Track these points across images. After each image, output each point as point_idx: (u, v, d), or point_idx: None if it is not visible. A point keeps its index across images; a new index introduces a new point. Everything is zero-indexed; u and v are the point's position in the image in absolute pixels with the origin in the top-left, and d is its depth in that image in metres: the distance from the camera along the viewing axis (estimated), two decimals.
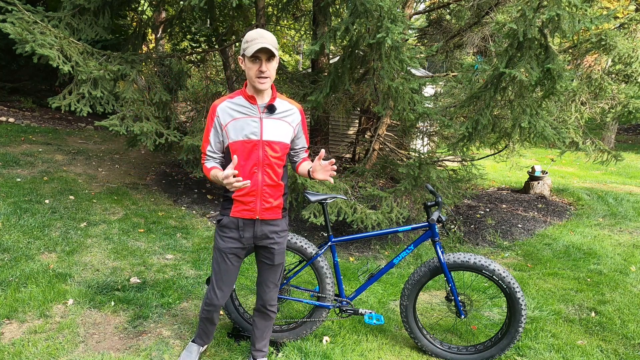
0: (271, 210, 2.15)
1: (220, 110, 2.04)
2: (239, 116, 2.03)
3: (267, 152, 2.07)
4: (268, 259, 2.24)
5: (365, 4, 3.47)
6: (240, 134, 2.03)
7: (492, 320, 3.22)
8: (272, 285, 2.30)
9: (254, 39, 1.92)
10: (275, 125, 2.08)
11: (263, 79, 1.96)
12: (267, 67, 1.95)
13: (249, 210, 2.11)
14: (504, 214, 5.94)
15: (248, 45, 1.92)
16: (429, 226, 2.57)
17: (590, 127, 6.16)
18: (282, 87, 5.65)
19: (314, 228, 5.11)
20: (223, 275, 2.21)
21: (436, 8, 7.14)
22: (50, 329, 2.65)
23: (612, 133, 12.88)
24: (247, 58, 1.94)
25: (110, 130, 4.51)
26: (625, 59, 4.94)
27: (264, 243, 2.19)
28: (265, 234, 2.16)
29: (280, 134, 2.10)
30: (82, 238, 3.96)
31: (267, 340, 2.44)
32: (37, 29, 4.11)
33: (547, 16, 3.19)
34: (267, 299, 2.31)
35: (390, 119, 5.50)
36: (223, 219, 2.16)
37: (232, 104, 2.05)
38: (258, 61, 1.94)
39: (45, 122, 8.58)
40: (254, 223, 2.14)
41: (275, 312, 2.38)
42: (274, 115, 2.08)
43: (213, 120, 2.05)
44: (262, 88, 1.99)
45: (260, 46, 1.88)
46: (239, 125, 2.03)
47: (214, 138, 2.08)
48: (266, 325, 2.39)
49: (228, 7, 5.61)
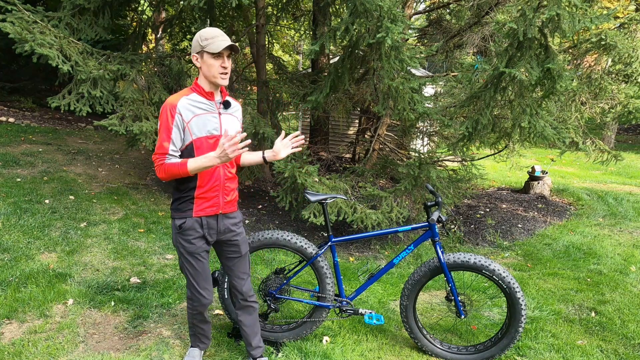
0: (231, 203, 2.20)
1: (181, 107, 2.00)
2: (200, 112, 2.04)
3: None
4: (234, 252, 2.26)
5: (365, 4, 3.47)
6: (203, 130, 2.04)
7: (492, 320, 3.22)
8: (244, 275, 2.31)
9: (216, 36, 1.96)
10: (230, 120, 2.15)
11: (225, 75, 2.02)
12: (228, 63, 2.01)
13: (212, 206, 2.12)
14: (504, 214, 5.93)
15: (210, 42, 1.95)
16: (429, 226, 2.57)
17: (590, 127, 6.16)
18: (282, 87, 5.65)
19: (314, 228, 5.11)
20: (202, 275, 2.21)
21: (436, 8, 7.14)
22: (50, 329, 2.65)
23: (612, 133, 12.88)
24: (209, 55, 1.97)
25: (110, 130, 4.51)
26: (625, 59, 4.94)
27: (226, 237, 2.21)
28: (227, 227, 2.19)
29: (234, 128, 2.16)
30: (82, 238, 3.96)
31: (260, 335, 2.43)
32: (36, 29, 4.11)
33: (547, 16, 3.19)
34: (244, 290, 2.31)
35: (390, 119, 5.50)
36: (186, 222, 2.10)
37: (190, 100, 2.04)
38: (221, 58, 1.98)
39: (45, 122, 8.58)
40: (217, 218, 2.15)
41: (257, 302, 2.38)
42: (228, 110, 2.15)
43: (174, 118, 1.99)
44: (223, 83, 2.04)
45: (228, 44, 1.94)
46: (201, 121, 2.04)
47: (176, 136, 2.02)
48: (253, 319, 2.38)
49: (228, 7, 5.61)
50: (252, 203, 5.76)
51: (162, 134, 2.01)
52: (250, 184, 6.52)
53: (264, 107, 5.67)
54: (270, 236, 2.58)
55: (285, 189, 4.40)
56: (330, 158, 6.41)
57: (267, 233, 2.60)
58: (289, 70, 8.50)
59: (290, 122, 12.45)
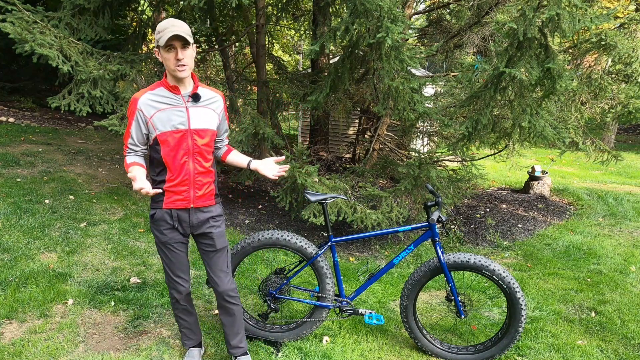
0: (204, 197, 2.16)
1: (141, 103, 2.01)
2: (164, 107, 2.02)
3: (195, 141, 2.07)
4: (209, 245, 2.23)
5: (365, 3, 3.47)
6: (167, 124, 2.02)
7: (492, 320, 3.22)
8: (222, 273, 2.26)
9: (165, 28, 1.89)
10: (201, 113, 2.09)
11: (181, 67, 1.95)
12: (183, 54, 1.93)
13: (183, 199, 2.11)
14: (504, 214, 5.93)
15: (160, 36, 1.90)
16: (429, 226, 2.57)
17: (590, 127, 6.16)
18: (282, 87, 5.65)
19: (314, 228, 5.11)
20: (176, 264, 2.21)
21: (436, 8, 7.14)
22: (50, 329, 2.65)
23: (612, 133, 12.88)
24: (162, 48, 1.92)
25: (110, 130, 4.51)
26: (625, 59, 4.94)
27: (201, 230, 2.19)
28: (200, 221, 2.17)
29: (207, 122, 2.11)
30: (82, 238, 3.96)
31: (242, 335, 2.39)
32: (36, 29, 4.10)
33: (547, 16, 3.19)
34: (222, 290, 2.26)
35: (390, 119, 5.50)
36: (156, 213, 2.14)
37: (154, 95, 2.02)
38: (173, 50, 1.92)
39: (45, 122, 8.57)
40: (189, 212, 2.14)
41: (237, 302, 2.32)
42: (199, 103, 2.09)
43: (134, 115, 2.02)
44: (182, 76, 1.97)
45: (171, 34, 1.87)
46: (165, 116, 2.02)
47: (136, 132, 2.05)
48: (232, 320, 2.33)
49: (228, 7, 5.61)
50: (252, 203, 5.75)
51: (127, 129, 2.09)
52: (250, 184, 6.52)
53: (264, 107, 5.68)
54: (270, 236, 2.58)
55: (285, 189, 4.40)
56: (330, 158, 6.41)
57: (267, 233, 2.60)
58: (289, 70, 8.51)
59: (290, 122, 12.45)
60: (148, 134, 2.06)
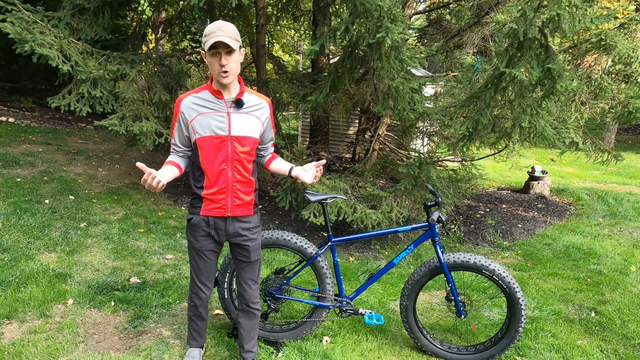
0: (242, 207, 2.12)
1: (184, 106, 2.00)
2: (205, 111, 1.99)
3: (235, 148, 2.03)
4: (244, 256, 2.21)
5: (365, 4, 3.47)
6: (207, 129, 1.99)
7: (492, 320, 3.22)
8: (251, 282, 2.27)
9: (211, 32, 1.84)
10: (244, 120, 2.04)
11: (225, 73, 1.91)
12: (227, 60, 1.88)
13: (220, 208, 2.08)
14: (504, 214, 5.93)
15: (206, 40, 1.86)
16: (429, 226, 2.57)
17: (590, 127, 6.16)
18: (282, 87, 5.65)
19: (314, 228, 5.11)
20: (203, 271, 2.21)
21: (436, 8, 7.14)
22: (50, 329, 2.65)
23: (612, 133, 12.88)
24: (207, 52, 1.88)
25: (110, 130, 4.51)
26: (625, 59, 4.94)
27: (237, 240, 2.17)
28: (237, 231, 2.13)
29: (249, 129, 2.06)
30: (82, 238, 3.96)
31: (255, 340, 2.42)
32: (36, 29, 4.10)
33: (548, 16, 3.19)
34: (248, 297, 2.28)
35: (390, 119, 5.50)
36: (193, 218, 2.12)
37: (197, 99, 2.01)
38: (217, 55, 1.87)
39: (45, 122, 8.57)
40: (226, 220, 2.11)
41: (259, 309, 2.35)
42: (242, 109, 2.04)
43: (177, 116, 2.03)
44: (225, 82, 1.94)
45: (215, 40, 1.81)
46: (205, 120, 1.99)
47: (178, 133, 2.06)
48: (252, 324, 2.36)
49: (228, 7, 5.60)
50: None
51: (172, 128, 2.10)
52: None
53: None
54: (270, 236, 2.58)
55: (285, 189, 4.40)
56: (330, 158, 6.41)
57: (267, 233, 2.60)
58: (289, 70, 8.51)
59: (290, 122, 12.45)
60: (189, 137, 2.06)
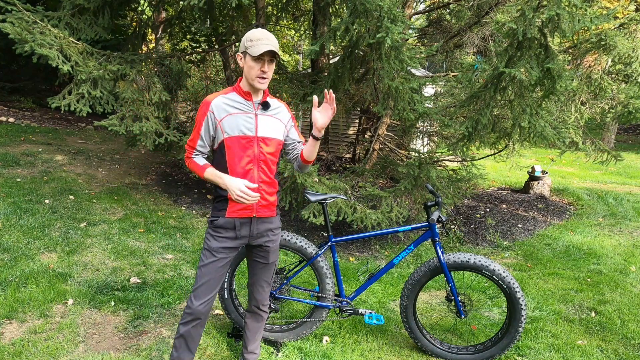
0: (267, 207, 2.15)
1: (214, 105, 2.03)
2: (235, 112, 2.03)
3: (262, 148, 2.07)
4: (263, 257, 2.22)
5: (365, 4, 3.47)
6: (235, 129, 2.03)
7: (492, 320, 3.22)
8: (265, 284, 2.29)
9: (260, 39, 1.93)
10: (269, 122, 2.10)
11: (263, 79, 1.99)
12: (269, 68, 1.97)
13: (246, 208, 2.09)
14: (504, 214, 5.93)
15: (253, 45, 1.92)
16: (429, 226, 2.57)
17: (590, 127, 6.17)
18: (282, 87, 5.64)
19: (314, 228, 5.11)
20: (209, 278, 2.08)
21: (436, 8, 7.14)
22: (50, 329, 2.65)
23: (612, 133, 12.88)
24: (251, 57, 1.94)
25: (110, 130, 4.51)
26: (625, 59, 4.94)
27: (259, 242, 2.17)
28: (261, 232, 2.15)
29: (274, 131, 2.11)
30: (82, 238, 3.96)
31: (259, 342, 2.42)
32: (36, 29, 4.10)
33: (547, 16, 3.19)
34: (260, 299, 2.30)
35: (390, 119, 5.50)
36: (218, 220, 2.10)
37: (227, 99, 2.04)
38: (261, 62, 1.96)
39: (45, 122, 8.57)
40: (251, 221, 2.12)
41: (267, 312, 2.37)
42: (268, 112, 2.10)
43: (206, 115, 2.04)
44: (260, 87, 2.01)
45: (268, 49, 1.91)
46: (234, 120, 2.03)
47: (205, 133, 2.07)
48: (258, 326, 2.37)
49: (228, 7, 5.60)
50: None
51: (195, 129, 2.08)
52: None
53: None
54: None
55: (285, 189, 4.40)
56: (330, 158, 6.41)
57: None
58: (289, 70, 8.50)
59: None
60: (215, 137, 2.07)
